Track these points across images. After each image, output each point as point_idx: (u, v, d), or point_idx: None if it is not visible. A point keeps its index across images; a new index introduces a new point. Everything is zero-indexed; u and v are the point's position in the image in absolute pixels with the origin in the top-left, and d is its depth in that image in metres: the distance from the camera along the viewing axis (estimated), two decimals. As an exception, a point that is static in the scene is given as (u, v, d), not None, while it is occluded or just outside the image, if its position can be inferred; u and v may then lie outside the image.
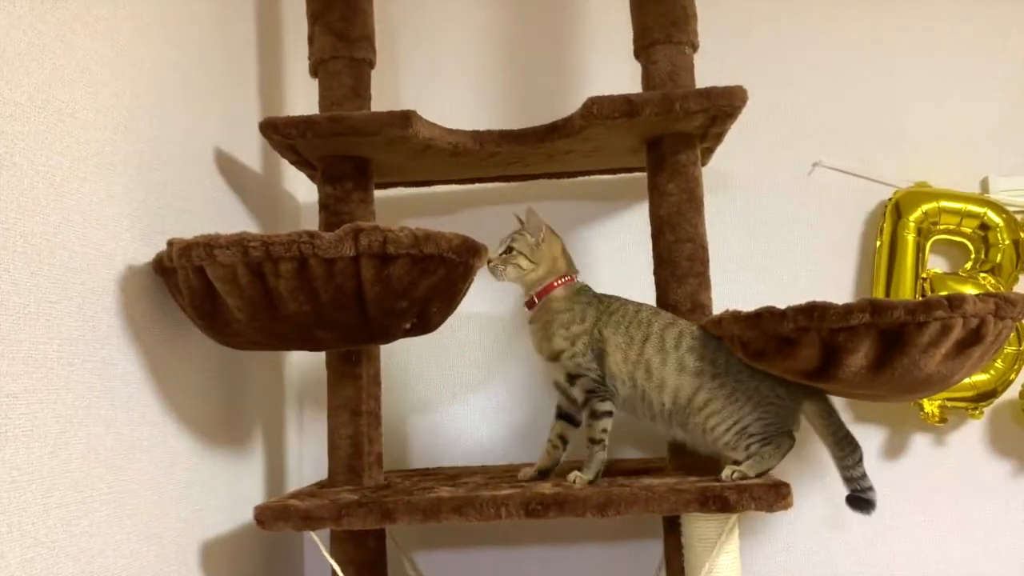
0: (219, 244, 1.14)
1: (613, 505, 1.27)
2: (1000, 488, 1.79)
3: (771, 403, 1.35)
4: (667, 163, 1.56)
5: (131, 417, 1.20)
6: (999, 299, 1.21)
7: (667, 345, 1.38)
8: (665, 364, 1.37)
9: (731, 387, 1.35)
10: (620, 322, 1.41)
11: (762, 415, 1.34)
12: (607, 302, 1.45)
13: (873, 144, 1.87)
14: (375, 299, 1.20)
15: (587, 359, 1.40)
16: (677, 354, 1.37)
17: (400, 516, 1.29)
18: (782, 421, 1.35)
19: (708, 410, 1.35)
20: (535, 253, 1.45)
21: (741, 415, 1.34)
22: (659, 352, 1.38)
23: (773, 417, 1.34)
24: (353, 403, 1.55)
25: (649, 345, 1.39)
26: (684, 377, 1.36)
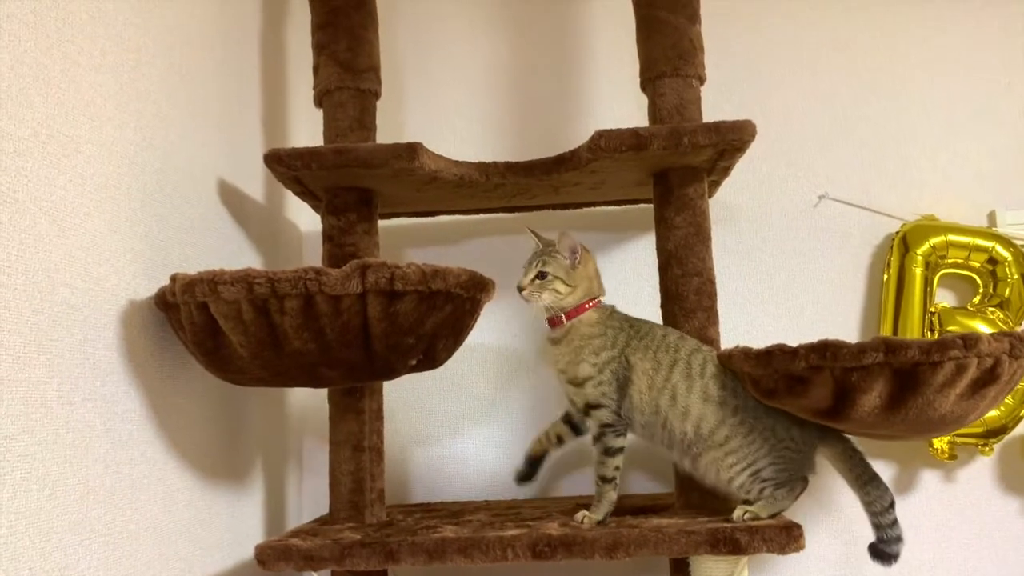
0: (223, 280, 1.12)
1: (622, 547, 1.25)
2: (1010, 525, 1.77)
3: (786, 447, 1.32)
4: (674, 196, 1.54)
5: (131, 455, 1.18)
6: (1014, 338, 1.19)
7: (693, 372, 1.35)
8: (691, 391, 1.34)
9: (750, 424, 1.32)
10: (649, 347, 1.38)
11: (776, 459, 1.32)
12: (637, 326, 1.41)
13: (879, 177, 1.87)
14: (381, 336, 1.18)
15: (611, 388, 1.37)
16: (702, 381, 1.34)
17: (404, 557, 1.27)
18: (796, 467, 1.33)
19: (727, 447, 1.33)
20: (571, 276, 1.39)
21: (756, 457, 1.32)
22: (686, 379, 1.35)
23: (787, 463, 1.32)
24: (355, 438, 1.52)
25: (676, 371, 1.35)
26: (709, 407, 1.33)
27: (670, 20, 1.55)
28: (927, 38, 1.90)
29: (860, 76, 1.90)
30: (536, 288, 1.38)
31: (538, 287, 1.38)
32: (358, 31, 1.60)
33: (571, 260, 1.40)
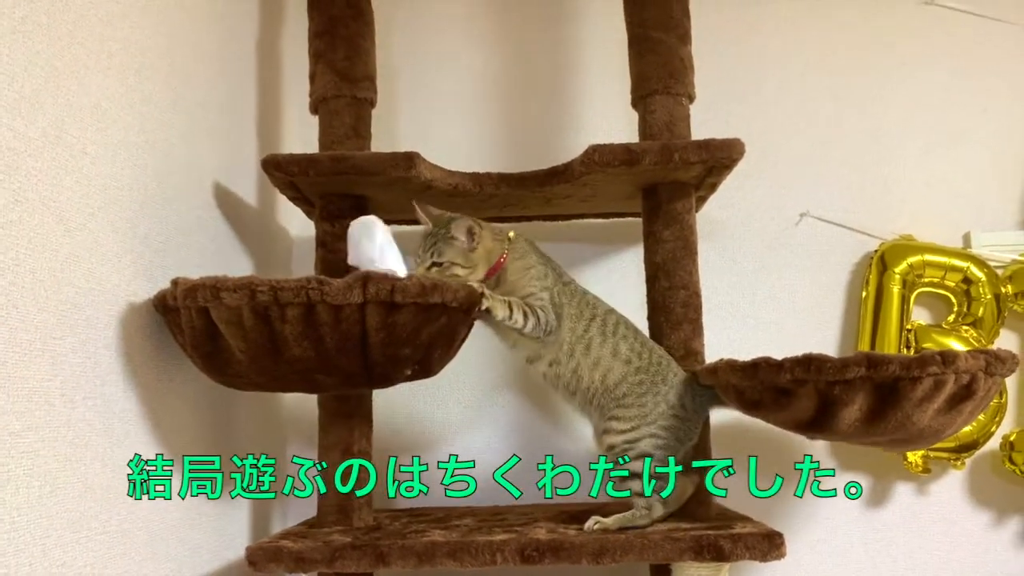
0: (226, 287, 1.13)
1: (608, 553, 1.28)
2: (981, 538, 1.82)
3: (675, 415, 1.40)
4: (663, 211, 1.58)
5: (127, 455, 1.19)
6: (989, 356, 1.24)
7: (608, 329, 1.44)
8: (604, 346, 1.43)
9: (647, 386, 1.40)
10: (573, 295, 1.46)
11: (659, 429, 1.39)
12: (558, 269, 1.49)
13: (860, 197, 1.92)
14: (379, 345, 1.20)
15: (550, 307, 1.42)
16: (614, 339, 1.43)
17: (394, 560, 1.29)
18: (679, 434, 1.40)
19: (622, 402, 1.40)
20: (469, 258, 1.40)
21: (640, 423, 1.38)
22: (601, 334, 1.43)
23: (670, 432, 1.39)
24: (345, 443, 1.54)
25: (594, 325, 1.44)
26: (616, 362, 1.42)
27: (662, 39, 1.58)
28: (908, 64, 1.95)
29: (843, 99, 1.95)
30: (434, 276, 1.35)
31: (436, 275, 1.36)
32: (356, 40, 1.62)
33: (468, 243, 1.40)
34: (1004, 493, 1.82)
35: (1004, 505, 1.82)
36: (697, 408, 1.43)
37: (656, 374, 1.42)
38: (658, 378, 1.41)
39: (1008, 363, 1.26)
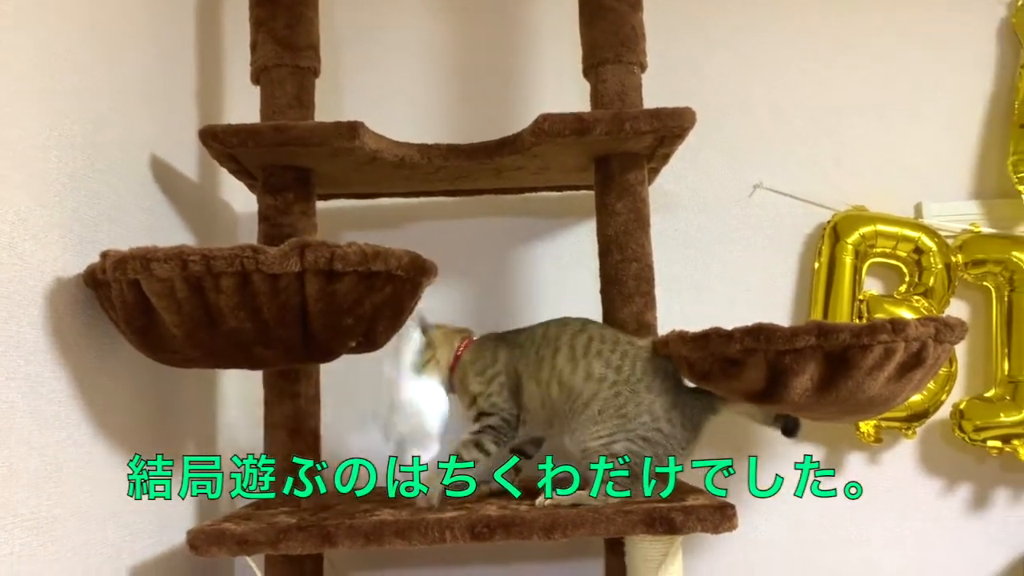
0: (156, 257, 1.08)
1: (559, 528, 1.25)
2: (931, 505, 1.84)
3: (658, 428, 1.33)
4: (615, 182, 1.56)
5: (56, 437, 1.14)
6: (939, 323, 1.24)
7: (577, 354, 1.37)
8: (575, 372, 1.36)
9: (625, 397, 1.33)
10: (529, 349, 1.41)
11: (638, 438, 1.32)
12: (514, 337, 1.44)
13: (812, 168, 1.91)
14: (319, 316, 1.16)
15: (503, 398, 1.40)
16: (585, 361, 1.36)
17: (341, 540, 1.25)
18: (660, 449, 1.33)
19: (597, 418, 1.34)
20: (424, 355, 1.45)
21: (616, 429, 1.32)
22: (570, 361, 1.37)
23: (650, 445, 1.33)
24: (291, 422, 1.50)
25: (560, 357, 1.37)
26: (589, 384, 1.35)
27: (613, 6, 1.55)
28: (862, 39, 1.94)
29: (796, 71, 1.94)
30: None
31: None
32: (297, 8, 1.56)
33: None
34: (954, 461, 1.84)
35: (954, 473, 1.84)
36: (687, 423, 1.35)
37: (638, 383, 1.34)
38: (640, 386, 1.34)
39: (957, 330, 1.26)
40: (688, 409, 1.36)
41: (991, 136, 1.91)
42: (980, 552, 1.83)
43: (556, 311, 1.50)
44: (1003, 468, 1.84)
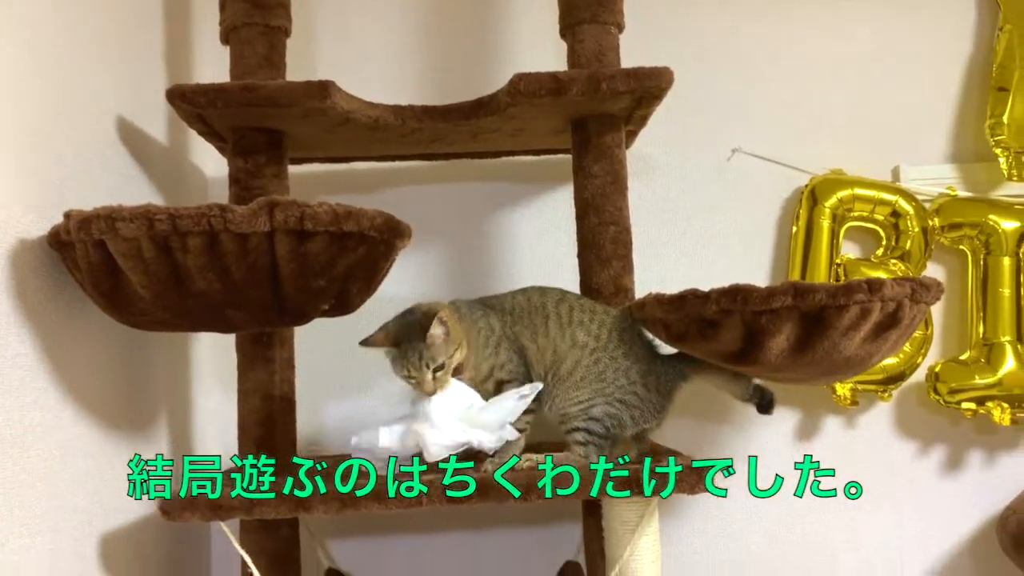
0: (122, 217, 1.06)
1: (536, 491, 1.25)
2: (906, 467, 1.86)
3: (634, 392, 1.34)
4: (592, 145, 1.54)
5: (23, 402, 1.11)
6: (915, 284, 1.23)
7: (563, 321, 1.37)
8: (563, 339, 1.36)
9: (604, 364, 1.34)
10: (521, 315, 1.38)
11: (616, 401, 1.33)
12: (495, 303, 1.41)
13: (791, 132, 1.90)
14: (291, 277, 1.14)
15: (516, 363, 1.37)
16: (570, 329, 1.36)
17: (316, 505, 1.24)
18: (638, 413, 1.35)
19: (577, 384, 1.34)
20: (452, 343, 1.31)
21: (595, 393, 1.33)
22: (559, 328, 1.37)
23: (628, 408, 1.34)
24: (265, 387, 1.48)
25: (551, 325, 1.37)
26: (573, 351, 1.35)
27: (590, -36, 1.53)
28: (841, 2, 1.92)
29: (775, 34, 1.92)
30: (441, 380, 1.30)
31: (442, 378, 1.31)
32: (267, -35, 1.53)
33: (444, 332, 1.30)
34: (929, 423, 1.86)
35: (929, 435, 1.86)
36: (662, 388, 1.36)
37: (616, 349, 1.35)
38: (619, 352, 1.35)
39: (933, 290, 1.26)
40: (662, 376, 1.37)
41: (969, 99, 1.90)
42: (954, 513, 1.85)
43: (533, 276, 1.49)
44: (977, 431, 1.85)
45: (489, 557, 1.82)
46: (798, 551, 1.84)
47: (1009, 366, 1.73)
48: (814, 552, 1.84)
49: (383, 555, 1.82)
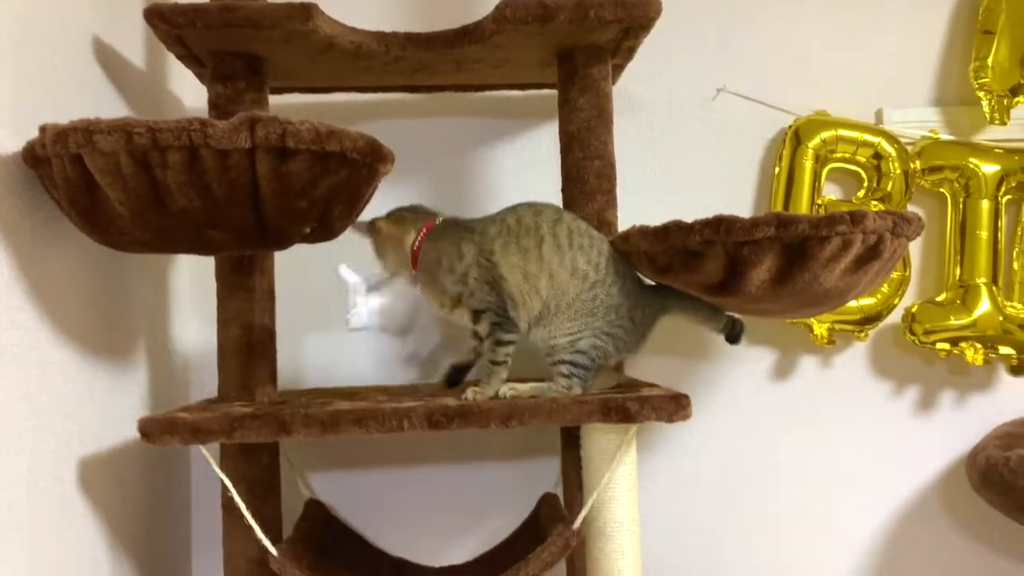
0: (99, 129, 1.03)
1: (517, 416, 1.26)
2: (880, 407, 1.88)
3: (621, 326, 1.36)
4: (578, 77, 1.52)
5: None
6: (896, 217, 1.24)
7: (562, 244, 1.35)
8: (563, 266, 1.34)
9: (600, 299, 1.35)
10: (508, 239, 1.35)
11: (603, 335, 1.35)
12: (480, 227, 1.39)
13: (775, 73, 1.89)
14: (272, 197, 1.12)
15: (485, 292, 1.36)
16: (571, 254, 1.35)
17: (297, 428, 1.24)
18: (620, 345, 1.37)
19: (570, 315, 1.35)
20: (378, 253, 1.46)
21: (584, 326, 1.35)
22: (557, 252, 1.34)
23: (613, 341, 1.36)
24: (245, 316, 1.48)
25: (546, 248, 1.34)
26: (574, 281, 1.35)
27: None
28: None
29: (761, -29, 1.90)
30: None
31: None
32: None
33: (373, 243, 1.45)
34: (904, 364, 1.88)
35: (903, 376, 1.88)
36: (645, 320, 1.38)
37: (612, 284, 1.35)
38: (614, 288, 1.35)
39: (914, 224, 1.26)
40: (646, 308, 1.39)
41: (954, 42, 1.90)
42: (926, 452, 1.88)
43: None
44: (950, 371, 1.88)
45: (467, 491, 1.84)
46: (771, 488, 1.87)
47: (984, 307, 1.76)
48: (787, 488, 1.87)
49: (362, 488, 1.83)
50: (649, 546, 1.81)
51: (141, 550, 1.52)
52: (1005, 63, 1.79)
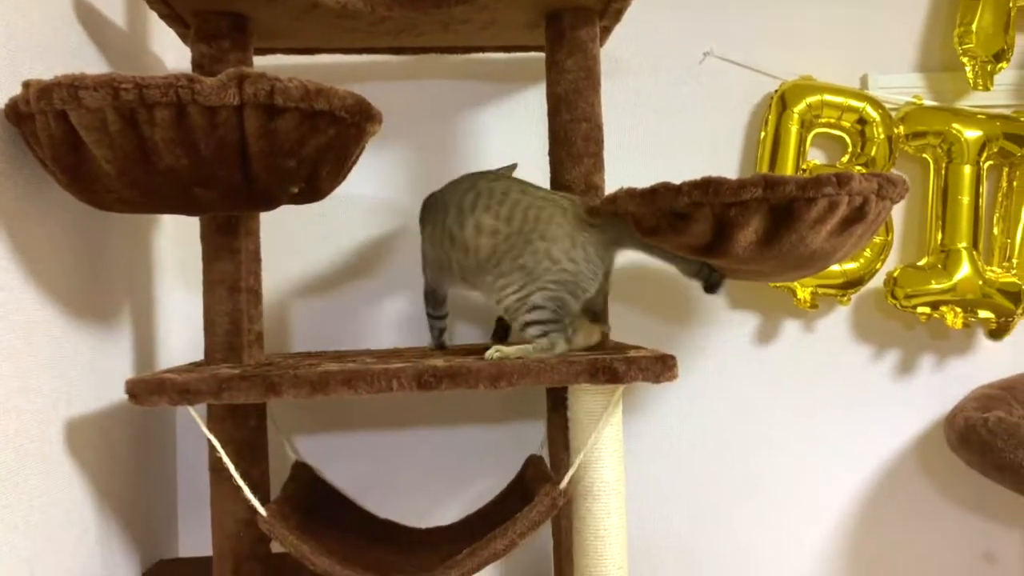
0: (85, 85, 1.02)
1: (505, 377, 1.27)
2: (862, 369, 1.91)
3: (563, 269, 1.36)
4: (566, 39, 1.52)
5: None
6: (882, 179, 1.25)
7: (465, 211, 1.40)
8: (464, 229, 1.39)
9: (519, 249, 1.36)
10: (428, 217, 1.49)
11: (549, 283, 1.35)
12: (425, 210, 1.53)
13: (762, 37, 1.89)
14: (260, 156, 1.11)
15: (425, 269, 1.54)
16: (473, 216, 1.39)
17: (285, 389, 1.24)
18: (571, 293, 1.36)
19: (499, 271, 1.38)
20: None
21: (525, 282, 1.36)
22: (457, 220, 1.41)
23: (563, 287, 1.36)
24: (231, 278, 1.46)
25: (450, 218, 1.42)
26: (482, 238, 1.38)
27: None
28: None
29: (750, -67, 1.90)
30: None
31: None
32: None
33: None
34: (885, 328, 1.91)
35: (884, 340, 1.91)
36: (592, 257, 1.37)
37: (531, 232, 1.35)
38: (534, 235, 1.35)
39: (899, 186, 1.28)
40: (591, 245, 1.37)
41: (939, 8, 1.91)
42: (906, 414, 1.92)
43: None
44: (930, 335, 1.91)
45: (454, 454, 1.85)
46: (753, 450, 1.90)
47: (964, 272, 1.78)
48: (768, 451, 1.90)
49: (349, 452, 1.84)
50: (634, 506, 1.84)
51: (128, 511, 1.52)
52: (989, 28, 1.80)
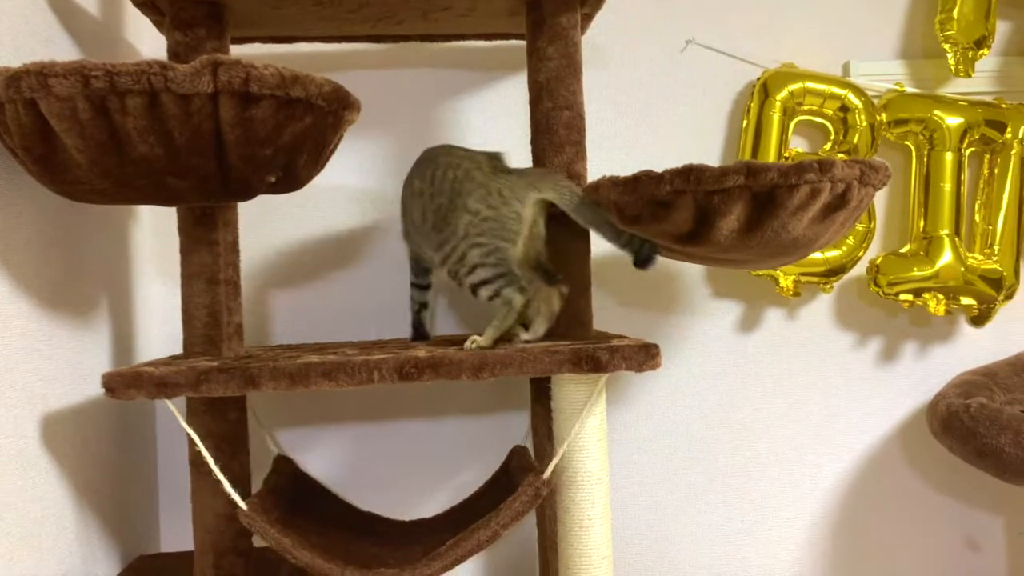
0: (55, 73, 1.00)
1: (488, 367, 1.26)
2: (845, 357, 1.92)
3: (483, 219, 1.35)
4: (547, 25, 1.50)
5: (-47, 272, 1.07)
6: (864, 165, 1.25)
7: (412, 178, 1.48)
8: (404, 191, 1.50)
9: (446, 209, 1.38)
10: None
11: (476, 239, 1.35)
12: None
13: (744, 25, 1.88)
14: (235, 145, 1.09)
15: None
16: (410, 185, 1.48)
17: (265, 382, 1.23)
18: (502, 239, 1.35)
19: (425, 230, 1.43)
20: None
21: (456, 241, 1.37)
22: (407, 187, 1.49)
23: (494, 241, 1.35)
24: (210, 271, 1.44)
25: (404, 191, 1.50)
26: (415, 200, 1.45)
27: None
28: None
29: (732, -80, 1.89)
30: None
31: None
32: None
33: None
34: (867, 316, 1.91)
35: (867, 327, 1.91)
36: (509, 200, 1.35)
37: (452, 192, 1.38)
38: (454, 194, 1.37)
39: (881, 173, 1.27)
40: (506, 189, 1.36)
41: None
42: (888, 401, 1.92)
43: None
44: (912, 323, 1.91)
45: (436, 446, 1.84)
46: (736, 438, 1.90)
47: (946, 259, 1.78)
48: (751, 439, 1.90)
49: (331, 445, 1.83)
50: (618, 496, 1.84)
51: (107, 506, 1.51)
52: (970, 15, 1.80)
